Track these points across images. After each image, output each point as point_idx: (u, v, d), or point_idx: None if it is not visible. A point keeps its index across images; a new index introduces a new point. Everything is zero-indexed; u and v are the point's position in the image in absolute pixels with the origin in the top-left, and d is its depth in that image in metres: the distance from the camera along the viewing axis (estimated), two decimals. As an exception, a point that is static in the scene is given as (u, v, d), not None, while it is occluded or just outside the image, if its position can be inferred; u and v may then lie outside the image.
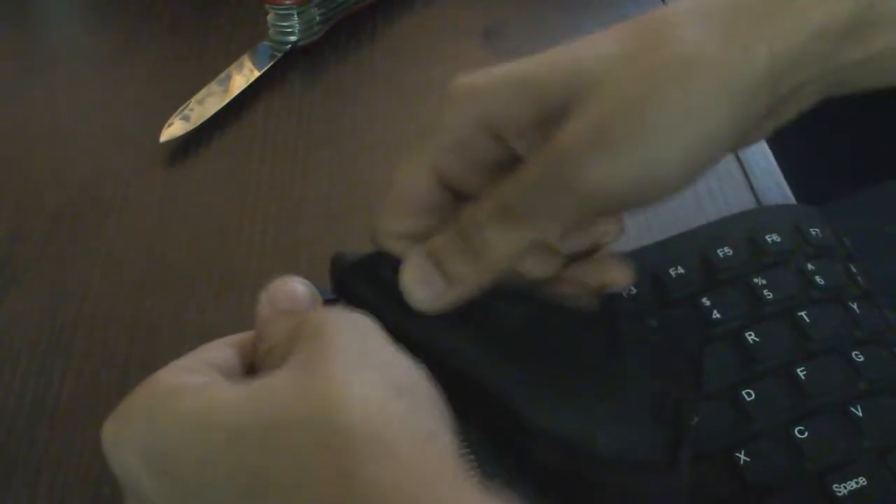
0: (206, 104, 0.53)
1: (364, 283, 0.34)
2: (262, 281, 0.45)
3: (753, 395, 0.36)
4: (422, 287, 0.32)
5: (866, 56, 0.32)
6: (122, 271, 0.46)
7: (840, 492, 0.33)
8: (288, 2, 0.56)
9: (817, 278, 0.39)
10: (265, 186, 0.50)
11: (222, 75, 0.55)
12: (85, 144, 0.53)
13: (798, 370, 0.37)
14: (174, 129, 0.52)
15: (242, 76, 0.55)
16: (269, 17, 0.57)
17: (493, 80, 0.32)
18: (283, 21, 0.56)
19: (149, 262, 0.46)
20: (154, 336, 0.43)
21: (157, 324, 0.43)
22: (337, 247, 0.47)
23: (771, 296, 0.39)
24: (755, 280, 0.39)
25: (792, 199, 0.48)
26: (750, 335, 0.38)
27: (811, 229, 0.42)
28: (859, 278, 0.41)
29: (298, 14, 0.56)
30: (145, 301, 0.44)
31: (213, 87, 0.55)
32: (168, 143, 0.51)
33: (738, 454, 0.35)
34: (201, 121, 0.52)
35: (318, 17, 0.57)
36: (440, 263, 0.32)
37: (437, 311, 0.32)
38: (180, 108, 0.53)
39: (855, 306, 0.39)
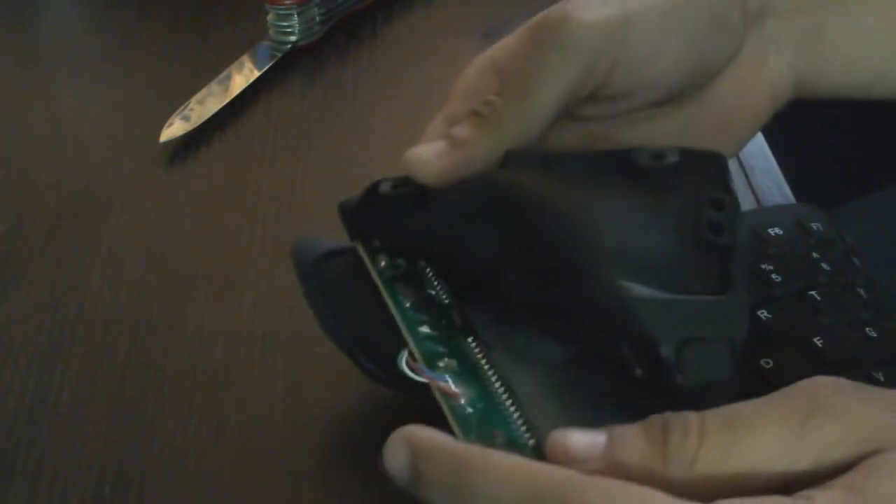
0: (206, 104, 0.53)
1: (373, 210, 0.35)
2: (263, 281, 0.45)
3: (771, 363, 0.36)
4: (426, 150, 0.33)
5: None
6: (122, 271, 0.46)
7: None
8: (288, 2, 0.56)
9: (823, 265, 0.39)
10: (265, 186, 0.50)
11: (222, 75, 0.55)
12: (85, 144, 0.53)
13: (815, 340, 0.36)
14: (174, 129, 0.52)
15: (242, 76, 0.55)
16: (269, 17, 0.57)
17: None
18: (283, 21, 0.56)
19: (149, 262, 0.46)
20: (154, 336, 0.43)
21: (157, 324, 0.43)
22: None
23: (779, 279, 0.39)
24: (762, 266, 0.39)
25: (792, 199, 0.48)
26: (762, 313, 0.37)
27: (812, 224, 0.42)
28: (861, 270, 0.41)
29: (298, 14, 0.56)
30: (145, 301, 0.44)
31: (213, 87, 0.55)
32: (168, 143, 0.51)
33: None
34: (201, 121, 0.52)
35: (318, 17, 0.57)
36: (449, 136, 0.33)
37: (437, 175, 0.33)
38: (180, 108, 0.53)
39: (862, 292, 0.39)
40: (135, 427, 0.39)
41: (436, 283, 0.34)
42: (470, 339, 0.32)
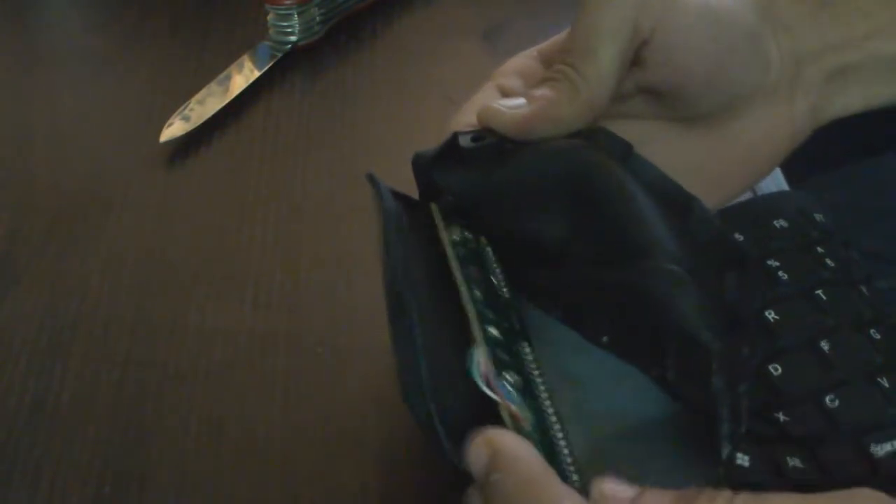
0: (206, 104, 0.53)
1: (451, 163, 0.34)
2: (263, 281, 0.45)
3: (780, 370, 0.36)
4: (506, 102, 0.34)
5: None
6: (122, 271, 0.46)
7: (877, 452, 0.34)
8: (288, 2, 0.56)
9: (828, 261, 0.39)
10: (265, 186, 0.50)
11: (222, 75, 0.55)
12: (85, 144, 0.53)
13: (822, 344, 0.36)
14: (174, 129, 0.52)
15: (242, 76, 0.55)
16: (269, 17, 0.57)
17: None
18: (283, 21, 0.56)
19: (149, 262, 0.46)
20: (154, 336, 0.43)
21: (157, 324, 0.43)
22: (336, 246, 0.47)
23: (786, 277, 0.39)
24: (768, 262, 0.39)
25: (784, 185, 0.48)
26: (769, 313, 0.38)
27: (815, 214, 0.42)
28: (862, 265, 0.41)
29: (298, 14, 0.56)
30: (145, 301, 0.44)
31: (213, 87, 0.55)
32: (168, 143, 0.51)
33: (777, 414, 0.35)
34: (201, 121, 0.52)
35: (318, 17, 0.57)
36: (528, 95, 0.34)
37: (517, 126, 0.33)
38: (180, 108, 0.53)
39: (864, 289, 0.39)
40: (135, 427, 0.39)
41: (497, 270, 0.33)
42: (526, 345, 0.31)
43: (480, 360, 0.29)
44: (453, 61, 0.57)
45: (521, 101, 0.34)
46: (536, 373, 0.31)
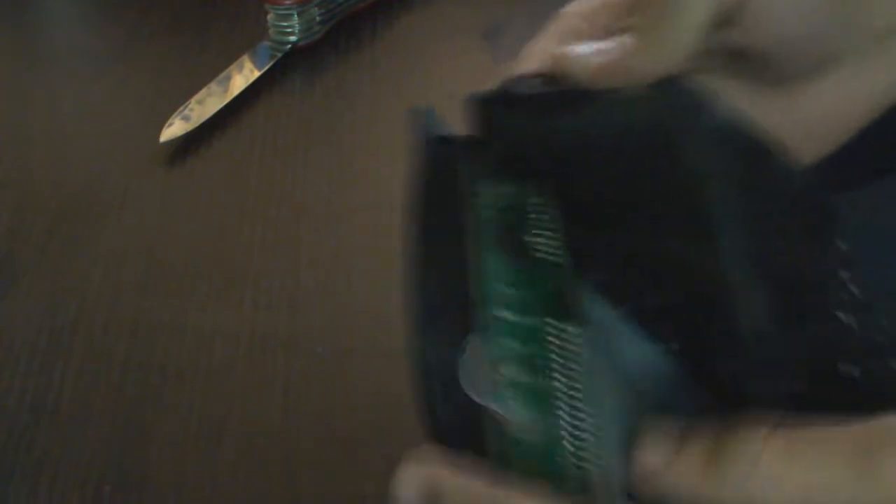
0: (206, 104, 0.53)
1: (512, 105, 0.32)
2: (263, 281, 0.45)
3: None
4: (582, 47, 0.32)
5: None
6: (122, 271, 0.46)
7: None
8: (288, 2, 0.56)
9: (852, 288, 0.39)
10: (265, 186, 0.50)
11: (222, 75, 0.55)
12: (85, 144, 0.53)
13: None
14: (174, 129, 0.52)
15: (242, 76, 0.55)
16: (269, 17, 0.57)
17: None
18: (283, 21, 0.56)
19: (149, 262, 0.46)
20: (154, 336, 0.43)
21: (157, 324, 0.43)
22: (336, 246, 0.47)
23: None
24: None
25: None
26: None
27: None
28: (847, 254, 0.41)
29: (298, 14, 0.56)
30: (145, 301, 0.44)
31: (213, 87, 0.55)
32: (168, 143, 0.51)
33: None
34: (201, 121, 0.52)
35: (318, 17, 0.57)
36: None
37: (593, 71, 0.31)
38: (180, 108, 0.53)
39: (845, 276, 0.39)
40: (135, 427, 0.39)
41: (547, 232, 0.31)
42: (552, 320, 0.30)
43: (468, 350, 0.29)
44: (453, 61, 0.57)
45: (596, 47, 0.33)
46: (558, 356, 0.30)
